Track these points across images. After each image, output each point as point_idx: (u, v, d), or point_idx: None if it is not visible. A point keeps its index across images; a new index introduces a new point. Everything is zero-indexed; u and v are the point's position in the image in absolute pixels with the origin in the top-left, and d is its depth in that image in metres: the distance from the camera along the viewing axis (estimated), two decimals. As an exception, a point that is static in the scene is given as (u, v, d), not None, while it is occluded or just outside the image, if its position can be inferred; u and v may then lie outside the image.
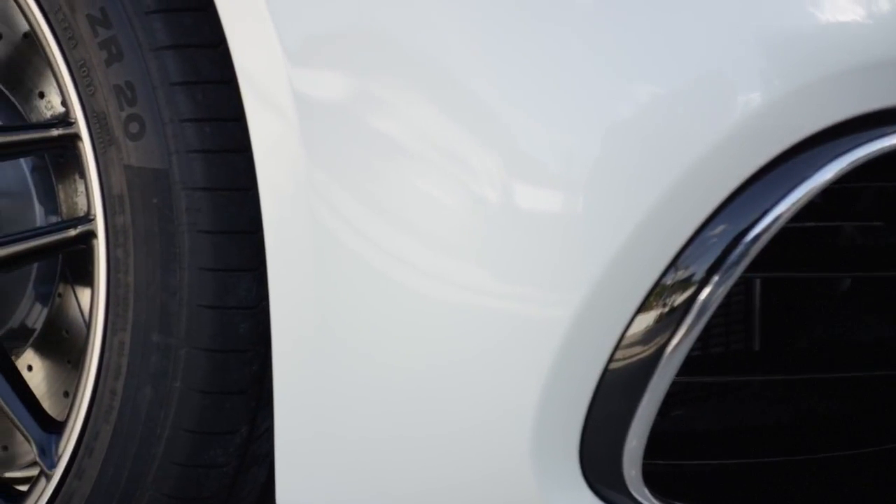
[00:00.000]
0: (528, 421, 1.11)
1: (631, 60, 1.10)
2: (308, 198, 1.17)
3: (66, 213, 1.50)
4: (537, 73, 1.11)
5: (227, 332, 1.27)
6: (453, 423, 1.15)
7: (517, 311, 1.11)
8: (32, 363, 1.54)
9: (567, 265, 1.11)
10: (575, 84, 1.10)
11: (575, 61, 1.10)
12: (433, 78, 1.13)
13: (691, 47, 1.10)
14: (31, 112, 1.50)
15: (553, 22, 1.11)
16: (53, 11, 1.26)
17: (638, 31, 1.10)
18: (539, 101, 1.11)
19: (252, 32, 1.17)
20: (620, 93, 1.10)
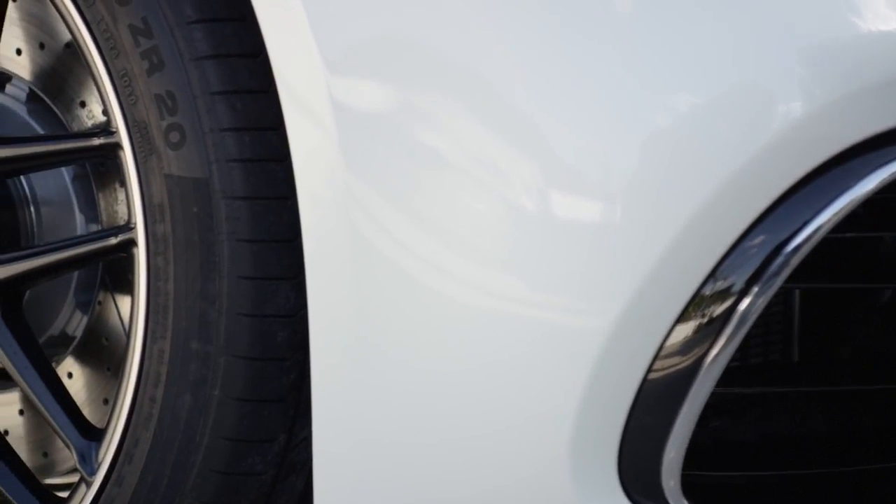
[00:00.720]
0: (567, 430, 1.11)
1: (670, 70, 1.10)
2: (347, 206, 1.17)
3: (106, 221, 1.51)
4: (576, 83, 1.11)
5: (265, 341, 1.27)
6: (491, 431, 1.15)
7: (555, 320, 1.11)
8: (72, 370, 1.55)
9: (605, 275, 1.11)
10: (614, 93, 1.10)
11: (614, 71, 1.10)
12: (471, 88, 1.13)
13: (731, 57, 1.10)
14: (73, 121, 1.51)
15: (592, 32, 1.11)
16: (96, 22, 1.27)
17: (678, 40, 1.10)
18: (577, 110, 1.11)
19: (292, 42, 1.18)
20: (659, 102, 1.10)
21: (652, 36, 1.10)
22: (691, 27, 1.10)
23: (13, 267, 1.38)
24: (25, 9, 1.52)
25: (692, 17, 1.10)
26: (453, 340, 1.15)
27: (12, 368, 1.38)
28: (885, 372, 1.27)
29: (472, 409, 1.15)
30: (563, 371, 1.11)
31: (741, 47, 1.10)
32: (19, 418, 1.59)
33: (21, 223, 1.51)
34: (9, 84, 1.55)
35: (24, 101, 1.54)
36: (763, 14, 1.10)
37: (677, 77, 1.10)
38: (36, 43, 1.52)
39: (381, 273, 1.17)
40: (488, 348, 1.13)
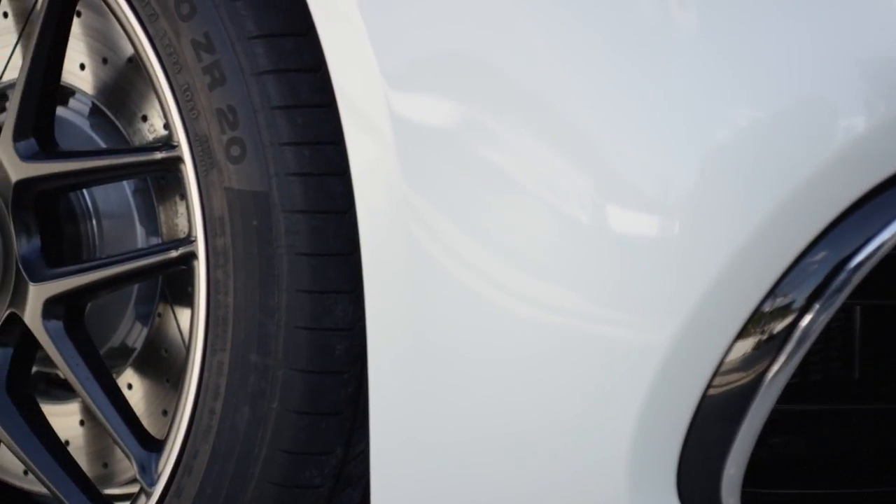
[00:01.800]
0: (625, 446, 1.11)
1: (731, 84, 1.09)
2: (405, 220, 1.18)
3: (166, 234, 1.52)
4: (635, 98, 1.11)
5: (323, 354, 1.28)
6: (549, 445, 1.14)
7: (614, 335, 1.11)
8: (132, 382, 1.57)
9: (664, 290, 1.10)
10: (674, 108, 1.10)
11: (674, 85, 1.10)
12: (530, 102, 1.13)
13: (793, 71, 1.09)
14: (135, 135, 1.53)
15: (653, 47, 1.10)
16: (159, 37, 1.28)
17: (739, 54, 1.10)
18: (636, 125, 1.11)
19: (352, 56, 1.19)
20: (720, 117, 1.09)
21: (713, 50, 1.10)
22: (752, 41, 1.10)
23: (76, 279, 1.39)
24: (88, 24, 1.53)
25: (753, 32, 1.10)
26: (511, 355, 1.15)
27: (74, 380, 1.39)
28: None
29: (531, 422, 1.15)
30: (621, 386, 1.10)
31: (803, 61, 1.09)
32: (80, 429, 1.61)
33: (83, 236, 1.52)
34: (72, 98, 1.56)
35: (86, 116, 1.56)
36: (825, 28, 1.09)
37: (738, 91, 1.09)
38: (99, 58, 1.54)
39: (439, 286, 1.18)
40: (546, 363, 1.13)
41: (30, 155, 1.40)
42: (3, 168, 1.41)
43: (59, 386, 1.63)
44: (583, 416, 1.12)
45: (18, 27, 1.58)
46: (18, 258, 1.42)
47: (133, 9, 1.30)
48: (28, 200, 1.42)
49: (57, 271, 1.41)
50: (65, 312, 1.41)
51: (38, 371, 1.56)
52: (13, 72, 1.59)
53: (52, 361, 1.42)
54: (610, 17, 1.11)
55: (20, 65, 1.58)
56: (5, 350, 1.45)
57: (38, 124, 1.40)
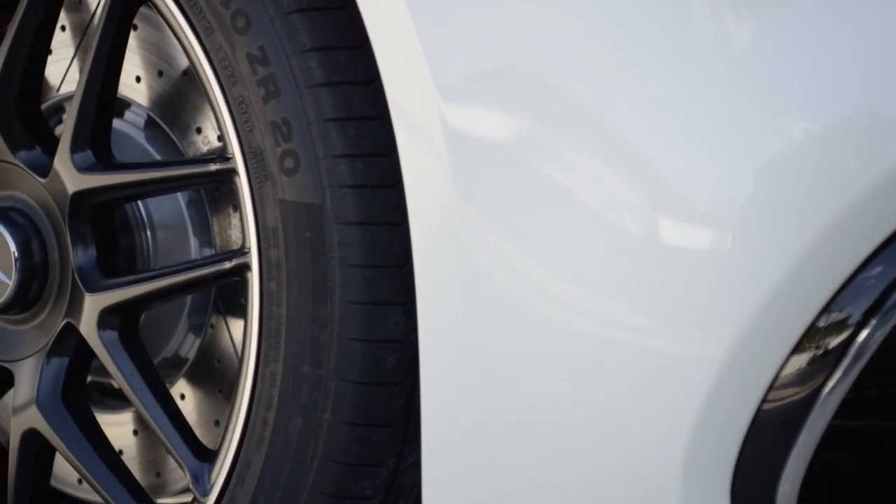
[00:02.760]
0: (678, 460, 1.10)
1: (786, 96, 1.09)
2: (458, 232, 1.18)
3: (219, 245, 1.53)
4: (689, 110, 1.11)
5: (375, 365, 1.28)
6: (602, 459, 1.14)
7: (668, 348, 1.11)
8: (185, 392, 1.57)
9: (718, 304, 1.10)
10: (728, 121, 1.10)
11: (727, 98, 1.10)
12: (584, 115, 1.13)
13: (849, 83, 1.08)
14: (189, 147, 1.54)
15: (707, 60, 1.10)
16: (214, 50, 1.29)
17: (794, 66, 1.09)
18: (690, 138, 1.11)
19: (406, 69, 1.19)
20: (773, 130, 1.09)
21: (767, 63, 1.10)
22: (808, 53, 1.09)
23: (131, 290, 1.40)
24: (144, 37, 1.55)
25: (808, 43, 1.09)
26: (564, 368, 1.15)
27: (129, 390, 1.40)
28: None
29: (584, 436, 1.14)
30: (675, 399, 1.10)
31: (859, 73, 1.08)
32: (133, 438, 1.62)
33: (138, 247, 1.54)
34: (128, 110, 1.58)
35: (142, 128, 1.57)
36: (881, 39, 1.09)
37: (793, 103, 1.09)
38: (154, 70, 1.55)
39: (492, 299, 1.18)
40: (600, 375, 1.13)
41: (86, 167, 1.41)
42: (60, 179, 1.42)
43: (112, 396, 1.64)
44: (636, 430, 1.12)
45: (75, 40, 1.60)
46: (74, 269, 1.44)
47: (189, 22, 1.31)
48: (84, 212, 1.43)
49: (112, 282, 1.43)
50: (120, 323, 1.43)
51: (92, 381, 1.58)
52: (70, 84, 1.61)
53: (107, 371, 1.43)
54: (665, 31, 1.11)
55: (77, 77, 1.60)
56: (61, 360, 1.47)
57: (94, 136, 1.41)
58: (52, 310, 1.46)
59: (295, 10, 1.26)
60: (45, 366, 1.46)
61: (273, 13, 1.26)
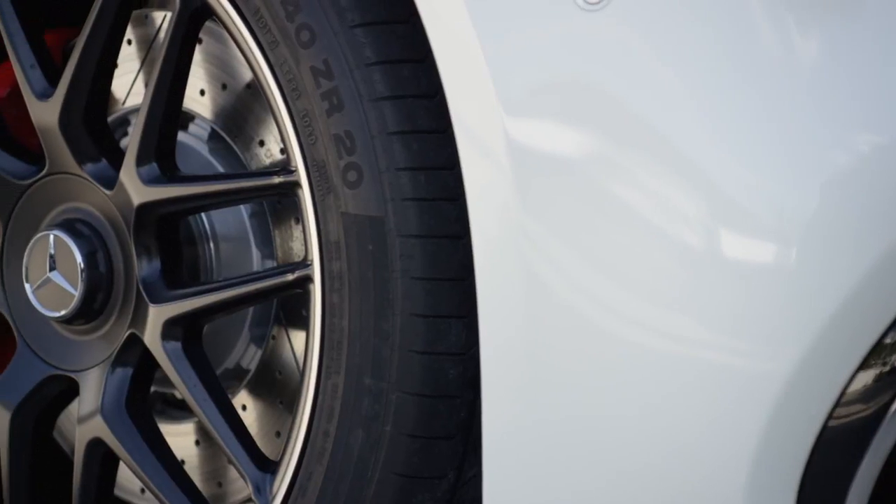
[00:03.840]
0: (742, 476, 1.09)
1: (853, 110, 1.08)
2: (520, 246, 1.18)
3: (281, 257, 1.54)
4: (754, 126, 1.10)
5: (436, 378, 1.28)
6: (665, 477, 1.13)
7: (731, 363, 1.10)
8: (246, 403, 1.58)
9: (783, 319, 1.09)
10: (794, 136, 1.09)
11: (794, 113, 1.09)
12: (648, 131, 1.13)
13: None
14: (252, 160, 1.55)
15: (773, 75, 1.09)
16: (279, 64, 1.30)
17: (861, 81, 1.08)
18: (755, 153, 1.10)
19: (469, 82, 1.19)
20: (840, 144, 1.08)
21: (834, 77, 1.09)
22: (874, 67, 1.08)
23: (195, 301, 1.41)
24: (209, 50, 1.56)
25: (875, 57, 1.08)
26: (627, 382, 1.14)
27: (192, 400, 1.41)
28: None
29: (647, 452, 1.14)
30: (739, 415, 1.09)
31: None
32: (195, 448, 1.63)
33: (201, 259, 1.55)
34: (192, 123, 1.59)
35: (205, 140, 1.58)
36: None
37: (860, 117, 1.08)
38: (218, 84, 1.56)
39: (554, 312, 1.17)
40: (663, 391, 1.12)
41: (152, 179, 1.42)
42: (125, 192, 1.44)
43: (175, 406, 1.66)
44: (700, 445, 1.11)
45: (141, 54, 1.62)
46: (139, 280, 1.45)
47: (254, 36, 1.32)
48: (149, 223, 1.45)
49: (176, 293, 1.44)
50: (183, 334, 1.44)
51: (155, 391, 1.59)
52: (136, 97, 1.63)
53: (170, 382, 1.45)
54: (731, 45, 1.10)
55: (143, 90, 1.62)
56: (125, 370, 1.48)
57: (160, 149, 1.43)
58: (117, 320, 1.48)
59: (359, 23, 1.27)
60: (110, 376, 1.47)
61: (337, 27, 1.27)
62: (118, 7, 1.42)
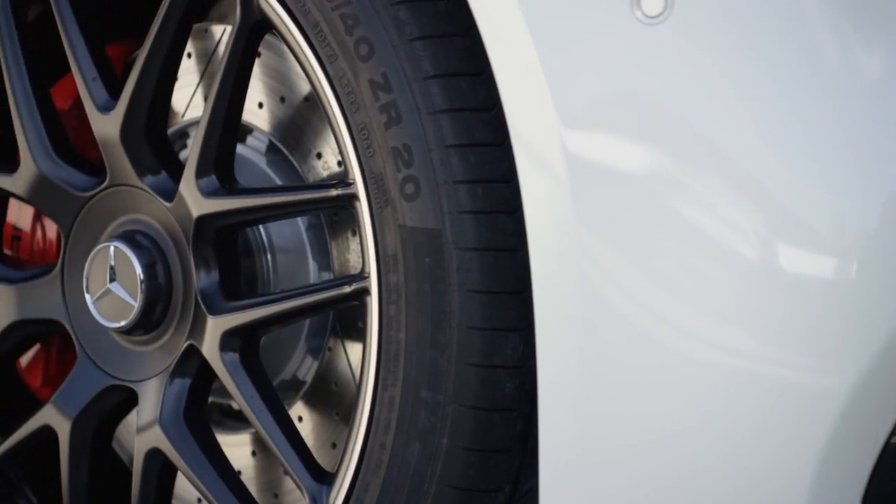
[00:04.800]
0: (803, 493, 1.08)
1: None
2: (578, 259, 1.18)
3: (337, 270, 1.54)
4: (814, 141, 1.09)
5: (493, 391, 1.28)
6: (724, 492, 1.13)
7: (791, 379, 1.09)
8: (302, 414, 1.59)
9: (844, 334, 1.08)
10: (853, 152, 1.08)
11: (853, 129, 1.08)
12: (707, 145, 1.12)
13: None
14: (309, 172, 1.56)
15: (833, 90, 1.09)
16: (338, 77, 1.31)
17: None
18: (815, 169, 1.09)
19: (527, 95, 1.19)
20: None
21: (894, 92, 1.08)
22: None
23: (253, 313, 1.42)
24: (267, 63, 1.57)
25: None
26: (685, 396, 1.14)
27: (249, 411, 1.42)
28: None
29: (705, 467, 1.13)
30: (799, 431, 1.08)
31: None
32: (251, 459, 1.64)
33: (258, 271, 1.55)
34: (250, 136, 1.60)
35: (263, 153, 1.59)
36: None
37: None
38: (277, 96, 1.57)
39: (611, 326, 1.17)
40: (722, 405, 1.12)
41: (211, 191, 1.43)
42: (185, 204, 1.45)
43: (232, 416, 1.67)
44: (759, 461, 1.10)
45: (201, 67, 1.63)
46: (197, 291, 1.46)
47: (313, 49, 1.32)
48: (208, 235, 1.46)
49: (234, 304, 1.45)
50: (241, 345, 1.44)
51: (211, 401, 1.60)
52: (195, 110, 1.64)
53: (227, 392, 1.45)
54: (792, 59, 1.10)
55: (202, 103, 1.63)
56: (183, 381, 1.49)
57: (219, 161, 1.44)
58: (176, 331, 1.49)
59: (418, 37, 1.27)
60: (168, 386, 1.48)
61: (396, 40, 1.27)
62: (180, 20, 1.43)
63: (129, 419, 1.66)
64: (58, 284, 1.56)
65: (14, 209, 1.72)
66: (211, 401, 1.57)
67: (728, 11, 1.10)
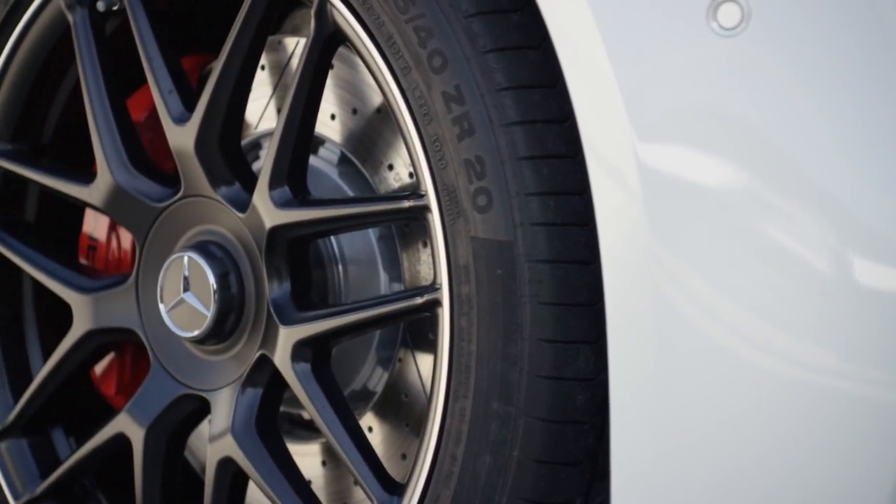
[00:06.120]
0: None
1: None
2: (650, 271, 1.17)
3: (408, 281, 1.55)
4: (891, 155, 1.08)
5: (564, 403, 1.28)
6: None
7: (869, 394, 1.08)
8: (372, 425, 1.59)
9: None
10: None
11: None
12: (784, 159, 1.11)
13: None
14: (380, 183, 1.56)
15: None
16: (411, 89, 1.31)
17: None
18: (891, 183, 1.08)
19: (601, 107, 1.19)
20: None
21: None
22: None
23: (324, 323, 1.43)
24: (340, 75, 1.58)
25: None
26: (760, 411, 1.13)
27: (321, 421, 1.43)
28: None
29: (781, 483, 1.12)
30: (878, 447, 1.07)
31: None
32: (321, 469, 1.64)
33: (329, 281, 1.56)
34: (322, 147, 1.61)
35: (335, 164, 1.60)
36: None
37: None
38: (349, 108, 1.58)
39: (685, 339, 1.16)
40: (799, 422, 1.11)
41: (284, 202, 1.44)
42: (258, 215, 1.46)
43: (302, 426, 1.67)
44: (836, 480, 1.09)
45: (274, 79, 1.64)
46: (270, 302, 1.47)
47: (387, 61, 1.33)
48: (280, 246, 1.46)
49: (306, 315, 1.45)
50: (312, 355, 1.45)
51: (282, 411, 1.61)
52: (268, 122, 1.65)
53: (297, 402, 1.46)
54: (868, 71, 1.09)
55: (275, 115, 1.64)
56: (255, 390, 1.50)
57: (291, 173, 1.44)
58: (248, 341, 1.50)
59: (491, 49, 1.27)
60: (241, 396, 1.49)
61: (469, 53, 1.28)
62: (255, 33, 1.44)
63: (201, 428, 1.68)
64: (132, 294, 1.58)
65: (90, 219, 1.74)
66: (281, 410, 1.58)
67: (806, 23, 1.09)
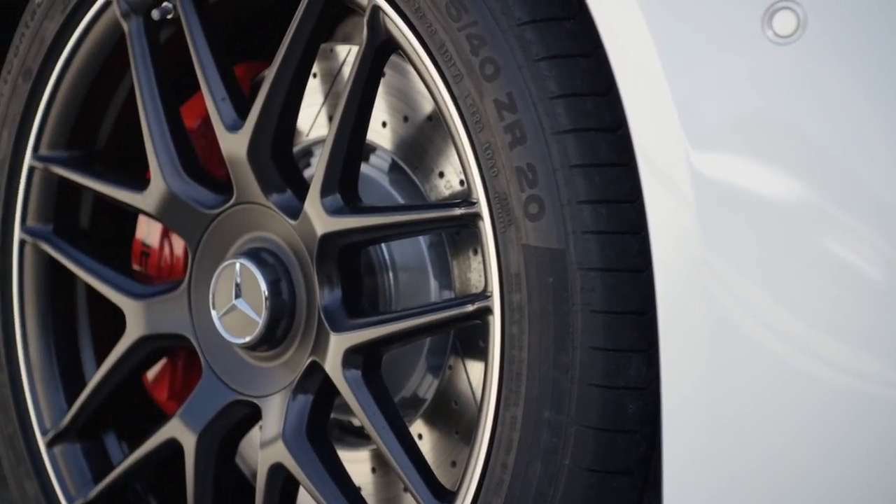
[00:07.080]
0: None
1: None
2: (703, 280, 1.17)
3: (458, 288, 1.55)
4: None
5: (616, 412, 1.27)
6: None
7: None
8: (422, 432, 1.59)
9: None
10: None
11: None
12: (840, 168, 1.11)
13: None
14: (430, 191, 1.56)
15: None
16: (463, 97, 1.31)
17: None
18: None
19: (654, 116, 1.19)
20: None
21: None
22: None
23: (375, 330, 1.43)
24: (391, 83, 1.58)
25: None
26: (814, 420, 1.12)
27: (371, 428, 1.43)
28: None
29: (834, 494, 1.11)
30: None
31: None
32: (371, 476, 1.65)
33: (380, 289, 1.56)
34: (373, 155, 1.61)
35: (386, 172, 1.60)
36: None
37: None
38: (400, 116, 1.58)
39: (738, 348, 1.16)
40: (854, 433, 1.10)
41: (335, 210, 1.45)
42: (309, 222, 1.46)
43: (351, 433, 1.68)
44: (891, 489, 1.08)
45: (325, 87, 1.65)
46: (321, 309, 1.47)
47: (439, 69, 1.33)
48: (331, 253, 1.47)
49: (357, 322, 1.46)
50: (363, 362, 1.45)
51: (332, 417, 1.61)
52: (319, 129, 1.66)
53: (347, 409, 1.46)
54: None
55: (326, 122, 1.65)
56: (306, 397, 1.50)
57: (343, 180, 1.45)
58: (299, 348, 1.50)
59: (543, 57, 1.27)
60: (291, 402, 1.50)
61: (522, 61, 1.28)
62: (307, 41, 1.45)
63: (252, 434, 1.68)
64: (184, 300, 1.59)
65: (143, 226, 1.76)
66: (331, 417, 1.58)
67: (863, 30, 1.09)
